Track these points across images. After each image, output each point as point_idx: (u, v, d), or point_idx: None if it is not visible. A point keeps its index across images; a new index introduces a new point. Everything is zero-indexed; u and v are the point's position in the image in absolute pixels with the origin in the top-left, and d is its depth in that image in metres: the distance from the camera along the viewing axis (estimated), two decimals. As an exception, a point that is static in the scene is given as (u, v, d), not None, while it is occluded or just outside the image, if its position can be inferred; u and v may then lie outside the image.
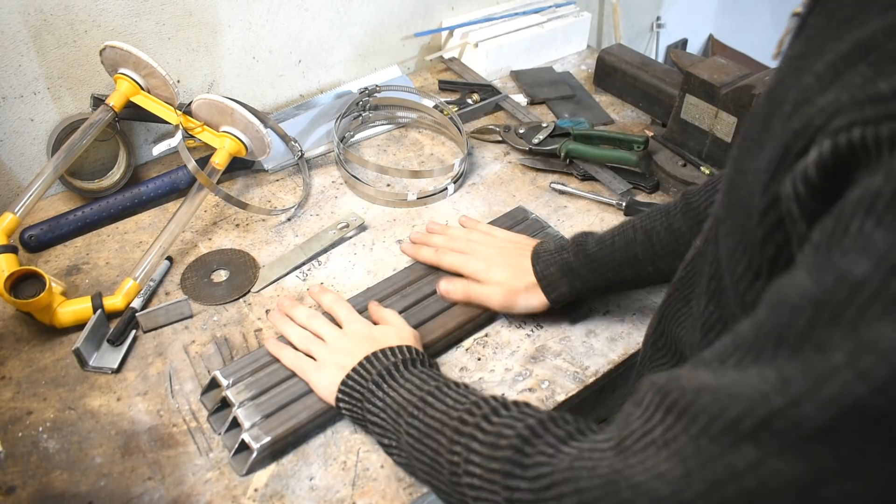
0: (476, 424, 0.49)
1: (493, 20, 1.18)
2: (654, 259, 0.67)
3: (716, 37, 1.97)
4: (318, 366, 0.62)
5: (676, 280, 0.55)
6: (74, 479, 0.59)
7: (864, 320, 0.27)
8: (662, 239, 0.67)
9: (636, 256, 0.67)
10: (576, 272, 0.69)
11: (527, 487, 0.42)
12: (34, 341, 0.71)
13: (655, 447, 0.35)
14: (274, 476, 0.60)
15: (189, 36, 0.92)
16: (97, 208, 0.84)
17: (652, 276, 0.68)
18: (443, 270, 0.75)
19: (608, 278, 0.68)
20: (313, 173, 0.95)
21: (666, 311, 0.55)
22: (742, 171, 0.38)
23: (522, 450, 0.44)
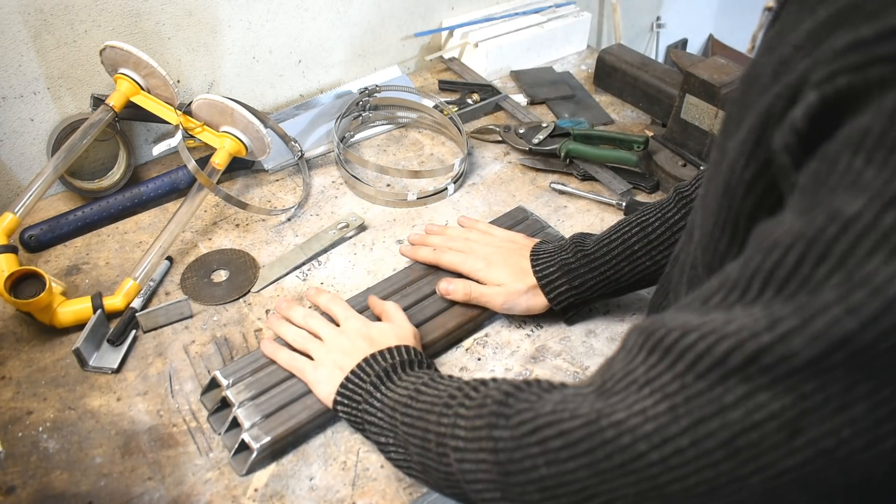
0: (465, 394, 0.49)
1: (493, 20, 1.18)
2: (651, 251, 0.67)
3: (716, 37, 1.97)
4: (316, 365, 0.62)
5: (663, 275, 0.56)
6: (74, 479, 0.59)
7: (854, 256, 0.27)
8: (657, 229, 0.67)
9: (633, 250, 0.68)
10: (575, 271, 0.69)
11: (509, 435, 0.42)
12: (34, 341, 0.71)
13: (637, 386, 0.35)
14: (274, 476, 0.60)
15: (189, 36, 0.92)
16: (97, 208, 0.84)
17: (649, 271, 0.68)
18: (442, 270, 0.75)
19: (607, 276, 0.68)
20: (313, 173, 0.95)
21: (653, 305, 0.56)
22: (723, 150, 0.39)
23: (506, 402, 0.45)
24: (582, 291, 0.69)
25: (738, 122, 0.37)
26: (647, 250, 0.67)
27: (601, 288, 0.69)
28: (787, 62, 0.34)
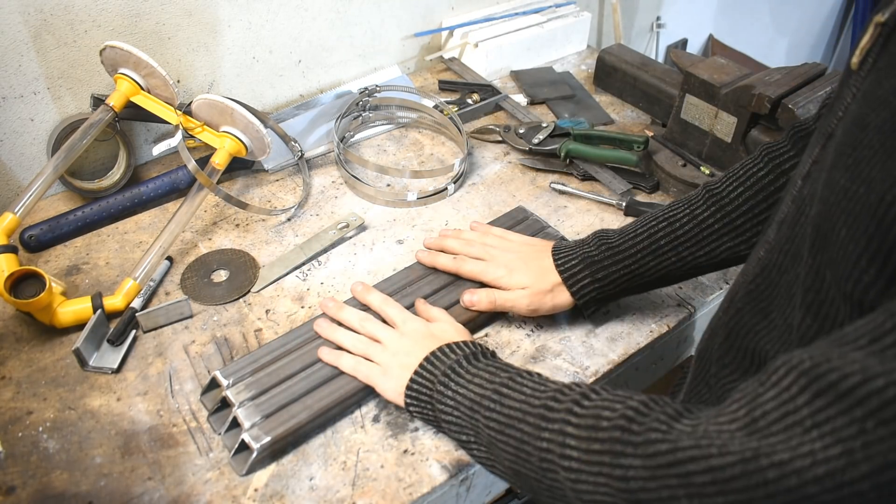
0: (567, 409, 0.48)
1: (493, 20, 1.18)
2: (678, 247, 0.67)
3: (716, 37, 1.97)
4: (383, 370, 0.62)
5: (745, 294, 0.54)
6: (74, 479, 0.59)
7: None
8: (685, 225, 0.67)
9: (659, 245, 0.67)
10: (598, 264, 0.68)
11: (641, 465, 0.42)
12: (34, 341, 0.71)
13: (801, 428, 0.35)
14: (274, 476, 0.60)
15: (189, 36, 0.92)
16: (97, 208, 0.84)
17: (675, 266, 0.68)
18: (444, 273, 0.75)
19: (632, 270, 0.68)
20: (313, 173, 0.95)
21: (737, 325, 0.55)
22: (867, 180, 0.38)
23: (629, 428, 0.44)
24: (605, 285, 0.68)
25: (888, 153, 0.37)
26: (674, 246, 0.67)
27: (625, 282, 0.68)
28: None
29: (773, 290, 0.51)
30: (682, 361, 0.84)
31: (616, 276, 0.68)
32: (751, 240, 0.66)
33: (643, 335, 0.73)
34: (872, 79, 0.42)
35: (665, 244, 0.67)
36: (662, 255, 0.67)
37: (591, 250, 0.69)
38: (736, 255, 0.67)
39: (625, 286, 0.69)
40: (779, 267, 0.50)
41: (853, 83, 0.45)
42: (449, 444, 0.62)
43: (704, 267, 0.68)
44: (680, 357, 0.83)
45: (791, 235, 0.49)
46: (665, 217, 0.68)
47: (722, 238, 0.66)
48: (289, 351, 0.67)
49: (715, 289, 0.78)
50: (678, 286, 0.78)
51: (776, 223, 0.52)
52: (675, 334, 0.76)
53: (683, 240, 0.67)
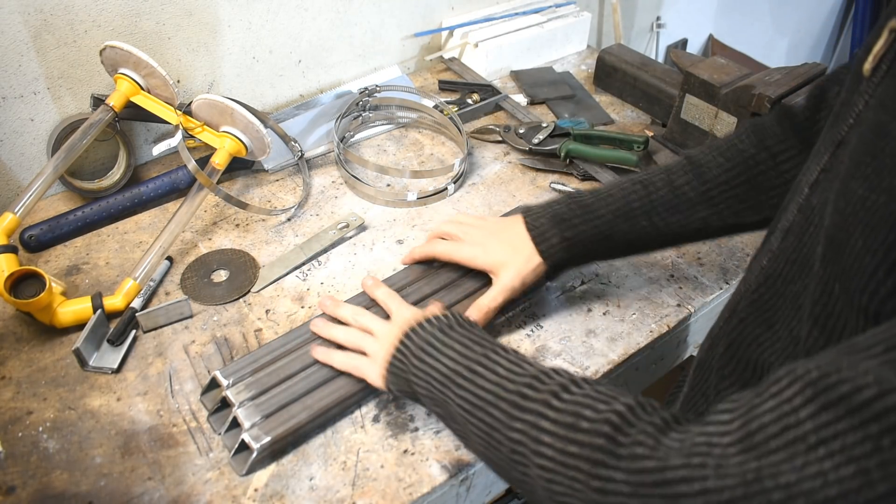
0: (544, 401, 0.46)
1: (493, 20, 1.18)
2: (650, 212, 0.66)
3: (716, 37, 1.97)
4: (371, 360, 0.61)
5: (749, 304, 0.53)
6: (74, 479, 0.59)
7: None
8: (661, 191, 0.66)
9: (631, 208, 0.66)
10: (567, 222, 0.66)
11: (623, 479, 0.40)
12: (34, 341, 0.71)
13: (805, 445, 0.32)
14: (274, 476, 0.60)
15: (189, 36, 0.92)
16: (97, 208, 0.84)
17: (646, 232, 0.66)
18: (443, 271, 0.75)
19: (601, 231, 0.66)
20: (313, 173, 0.95)
21: (739, 336, 0.53)
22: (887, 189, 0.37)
23: (614, 438, 0.41)
24: (574, 244, 0.66)
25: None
26: (646, 210, 0.66)
27: (594, 243, 0.67)
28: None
29: (779, 300, 0.50)
30: (681, 362, 0.84)
31: (585, 237, 0.66)
32: (723, 212, 0.66)
33: (643, 335, 0.73)
34: (889, 85, 0.41)
35: (638, 207, 0.66)
36: (634, 218, 0.66)
37: (561, 208, 0.67)
38: (706, 227, 0.67)
39: (593, 247, 0.67)
40: (784, 277, 0.49)
41: (865, 89, 0.44)
42: (449, 444, 0.62)
43: (673, 236, 0.67)
44: (680, 357, 0.83)
45: (798, 245, 0.48)
46: (641, 181, 0.67)
47: (696, 207, 0.66)
48: (289, 351, 0.67)
49: (715, 289, 0.78)
50: (678, 286, 0.78)
51: (780, 231, 0.51)
52: (675, 334, 0.76)
53: (657, 205, 0.66)
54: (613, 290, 0.78)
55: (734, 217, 0.66)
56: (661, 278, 0.79)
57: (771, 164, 0.65)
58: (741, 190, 0.65)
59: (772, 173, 0.65)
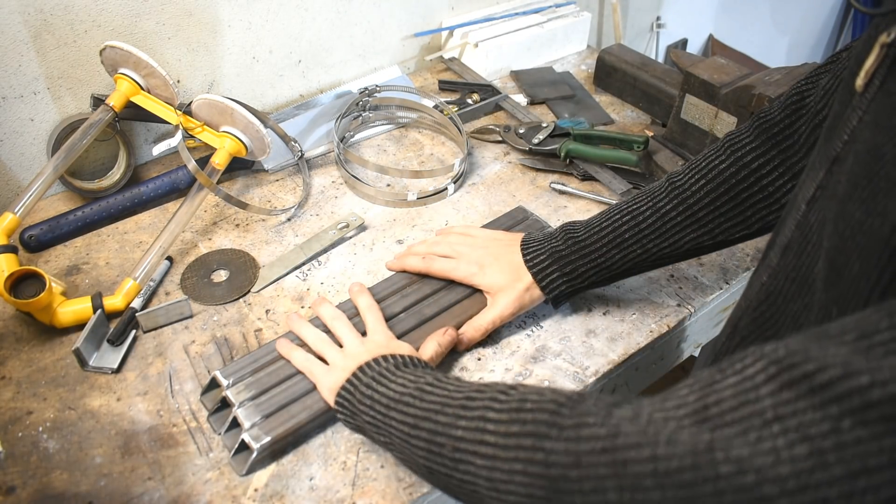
0: (491, 397, 0.46)
1: (493, 20, 1.18)
2: (642, 239, 0.67)
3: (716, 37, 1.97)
4: (329, 369, 0.62)
5: (750, 321, 0.53)
6: (74, 479, 0.59)
7: None
8: (648, 219, 0.67)
9: (623, 238, 0.67)
10: (566, 258, 0.68)
11: (564, 449, 0.39)
12: (34, 341, 0.71)
13: (760, 420, 0.32)
14: (274, 476, 0.60)
15: (189, 36, 0.92)
16: (97, 208, 0.84)
17: (640, 258, 0.68)
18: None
19: (599, 263, 0.68)
20: (313, 173, 0.95)
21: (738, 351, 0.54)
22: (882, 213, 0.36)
23: (558, 412, 0.41)
24: (574, 278, 0.69)
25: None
26: (638, 238, 0.67)
27: (593, 275, 0.69)
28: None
29: (780, 318, 0.50)
30: (682, 362, 0.84)
31: (584, 270, 0.68)
32: (713, 231, 0.66)
33: (643, 335, 0.73)
34: (882, 103, 0.41)
35: (630, 237, 0.67)
36: (627, 247, 0.67)
37: (558, 244, 0.69)
38: (699, 246, 0.68)
39: (593, 279, 0.69)
40: (785, 295, 0.49)
41: (858, 105, 0.43)
42: (449, 444, 0.62)
43: (669, 257, 0.68)
44: (680, 357, 0.83)
45: (797, 263, 0.48)
46: (629, 210, 0.68)
47: (685, 230, 0.66)
48: (289, 351, 0.67)
49: (715, 289, 0.78)
50: (678, 286, 0.78)
51: (779, 248, 0.51)
52: (675, 334, 0.76)
53: (647, 232, 0.67)
54: (613, 290, 0.78)
55: (725, 234, 0.67)
56: (661, 278, 0.79)
57: (752, 179, 0.65)
58: (726, 209, 0.65)
59: (754, 189, 0.65)
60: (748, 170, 0.64)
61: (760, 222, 0.66)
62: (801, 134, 0.62)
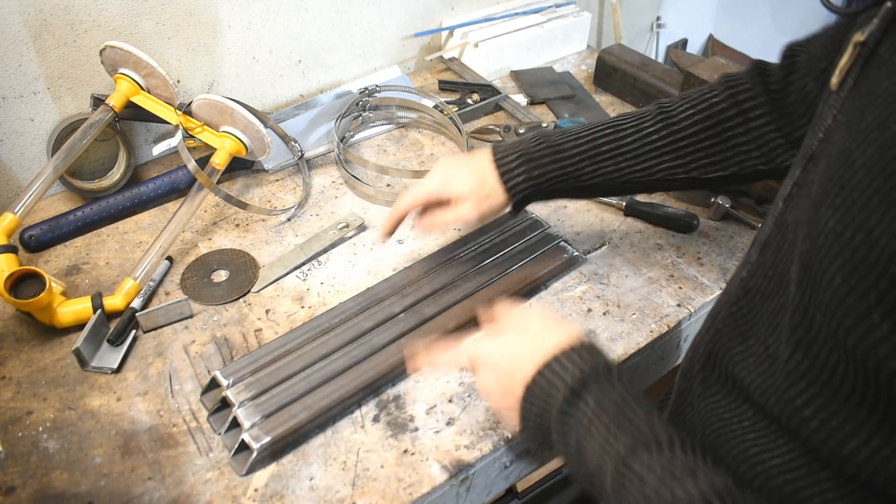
0: None
1: (493, 20, 1.18)
2: (617, 157, 0.66)
3: (716, 37, 1.97)
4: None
5: (727, 315, 0.53)
6: (74, 479, 0.59)
7: None
8: (630, 136, 0.66)
9: (600, 150, 0.66)
10: (535, 161, 0.67)
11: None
12: (34, 341, 0.71)
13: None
14: (274, 476, 0.60)
15: (189, 36, 0.92)
16: (97, 208, 0.84)
17: (610, 176, 0.67)
18: (442, 271, 0.75)
19: (568, 172, 0.67)
20: (313, 173, 0.95)
21: (716, 347, 0.53)
22: (863, 228, 0.35)
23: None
24: (540, 182, 0.67)
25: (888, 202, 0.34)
26: (614, 155, 0.66)
27: (559, 182, 0.67)
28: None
29: (755, 314, 0.50)
30: (682, 362, 0.84)
31: (552, 175, 0.67)
32: (689, 164, 0.66)
33: (643, 335, 0.73)
34: (853, 104, 0.40)
35: (606, 151, 0.66)
36: (601, 161, 0.66)
37: (530, 147, 0.68)
38: (671, 178, 0.67)
39: (558, 187, 0.68)
40: (762, 292, 0.49)
41: (833, 104, 0.43)
42: (449, 445, 0.62)
43: (638, 183, 0.68)
44: (680, 357, 0.83)
45: (775, 261, 0.48)
46: (612, 125, 0.67)
47: (662, 157, 0.66)
48: (289, 351, 0.67)
49: (715, 289, 0.78)
50: (678, 286, 0.78)
51: (758, 244, 0.51)
52: (675, 334, 0.76)
53: (625, 150, 0.66)
54: (613, 290, 0.78)
55: (699, 170, 0.66)
56: (661, 278, 0.79)
57: (740, 119, 0.65)
58: (709, 143, 0.65)
59: (740, 129, 0.65)
60: (739, 108, 0.64)
61: (737, 166, 0.66)
62: (793, 91, 0.62)
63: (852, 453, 0.39)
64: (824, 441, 0.41)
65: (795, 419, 0.43)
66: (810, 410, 0.42)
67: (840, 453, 0.40)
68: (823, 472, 0.42)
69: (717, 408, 0.52)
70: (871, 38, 0.41)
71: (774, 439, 0.45)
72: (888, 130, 0.35)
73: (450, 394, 0.67)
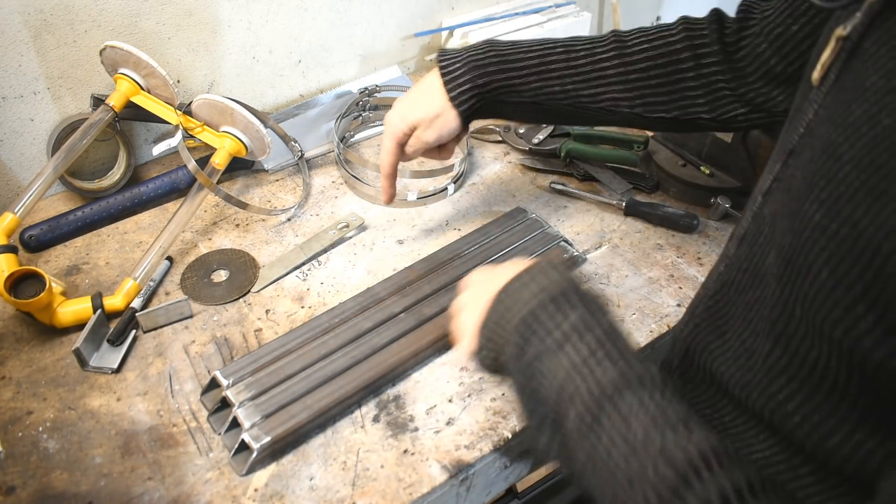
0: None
1: (493, 20, 1.18)
2: (565, 77, 0.65)
3: (716, 37, 1.97)
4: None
5: (704, 309, 0.53)
6: (74, 479, 0.59)
7: None
8: (581, 59, 0.65)
9: (549, 68, 0.65)
10: (482, 68, 0.66)
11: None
12: (34, 341, 0.71)
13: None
14: (274, 476, 0.60)
15: (189, 36, 0.92)
16: (97, 208, 0.84)
17: (555, 96, 0.66)
18: (444, 274, 0.75)
19: (513, 84, 0.65)
20: (313, 173, 0.95)
21: (694, 341, 0.53)
22: (849, 221, 0.35)
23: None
24: (485, 92, 0.66)
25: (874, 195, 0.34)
26: (562, 75, 0.65)
27: (503, 93, 0.66)
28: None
29: (731, 308, 0.49)
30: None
31: (497, 86, 0.66)
32: (633, 99, 0.66)
33: (643, 335, 0.73)
34: (836, 98, 0.40)
35: (554, 69, 0.65)
36: (548, 79, 0.65)
37: (476, 54, 0.66)
38: (615, 109, 0.66)
39: (503, 99, 0.67)
40: (737, 286, 0.49)
41: (814, 98, 0.43)
42: (449, 445, 0.62)
43: (582, 109, 0.67)
44: (680, 357, 0.83)
45: (750, 254, 0.47)
46: (564, 44, 0.66)
47: (610, 85, 0.65)
48: (289, 351, 0.67)
49: (715, 289, 0.78)
50: (678, 286, 0.78)
51: (736, 238, 0.51)
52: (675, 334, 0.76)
53: (574, 72, 0.65)
54: (613, 290, 0.78)
55: (643, 107, 0.66)
56: (661, 278, 0.79)
57: (692, 63, 0.64)
58: (658, 81, 0.65)
59: (690, 73, 0.64)
60: (692, 52, 0.64)
61: (680, 110, 0.66)
62: (744, 47, 0.63)
63: (836, 448, 0.39)
64: (808, 435, 0.41)
65: (778, 414, 0.43)
66: (792, 406, 0.42)
67: (824, 448, 0.40)
68: (804, 467, 0.42)
69: (696, 403, 0.52)
70: (855, 32, 0.40)
71: (755, 434, 0.45)
72: (879, 124, 0.35)
73: (450, 394, 0.67)
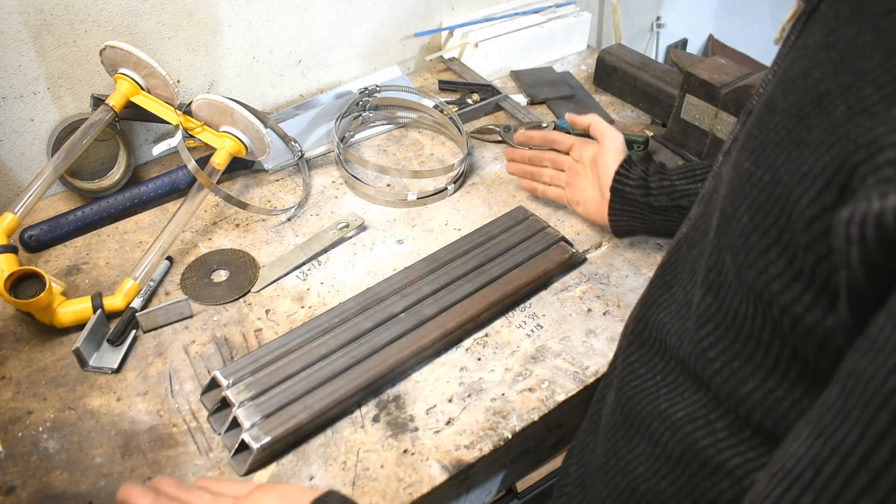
0: None
1: (492, 20, 1.18)
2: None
3: (716, 37, 1.97)
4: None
5: (659, 266, 0.54)
6: (74, 479, 0.59)
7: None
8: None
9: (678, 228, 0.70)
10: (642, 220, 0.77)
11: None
12: (34, 341, 0.71)
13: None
14: (274, 476, 0.60)
15: (189, 36, 0.92)
16: (97, 208, 0.84)
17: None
18: (442, 274, 0.75)
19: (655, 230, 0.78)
20: (313, 173, 0.95)
21: (647, 298, 0.54)
22: (772, 167, 0.36)
23: None
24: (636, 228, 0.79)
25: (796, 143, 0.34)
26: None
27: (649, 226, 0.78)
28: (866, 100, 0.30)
29: (680, 263, 0.51)
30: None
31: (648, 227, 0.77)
32: None
33: (643, 335, 0.73)
34: (787, 57, 0.41)
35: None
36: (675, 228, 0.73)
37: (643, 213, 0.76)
38: None
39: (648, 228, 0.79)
40: (689, 241, 0.50)
41: (776, 61, 0.44)
42: (449, 444, 0.62)
43: None
44: (680, 357, 0.83)
45: (704, 212, 0.48)
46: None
47: None
48: (289, 351, 0.67)
49: (715, 289, 0.78)
50: (678, 286, 0.78)
51: (699, 199, 0.52)
52: (675, 334, 0.76)
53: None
54: (613, 290, 0.78)
55: None
56: (661, 278, 0.79)
57: None
58: None
59: None
60: None
61: None
62: None
63: (749, 394, 0.40)
64: (725, 382, 0.42)
65: (701, 361, 0.44)
66: (714, 352, 0.42)
67: (737, 395, 0.41)
68: (720, 422, 0.43)
69: (632, 362, 0.53)
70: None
71: (682, 392, 0.46)
72: (810, 77, 0.36)
73: (450, 394, 0.67)
